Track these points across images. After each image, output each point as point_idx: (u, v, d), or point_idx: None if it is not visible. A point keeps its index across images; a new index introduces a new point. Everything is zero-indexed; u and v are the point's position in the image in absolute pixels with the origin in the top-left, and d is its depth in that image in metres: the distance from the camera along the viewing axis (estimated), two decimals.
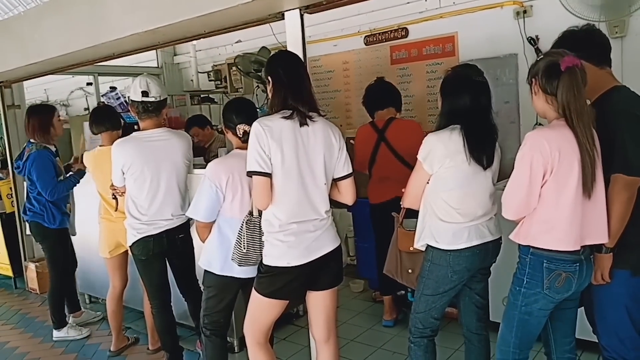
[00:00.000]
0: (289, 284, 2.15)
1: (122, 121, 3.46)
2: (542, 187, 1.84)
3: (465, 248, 2.15)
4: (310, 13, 2.75)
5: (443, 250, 2.18)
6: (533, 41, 3.71)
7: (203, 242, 2.52)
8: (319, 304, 2.29)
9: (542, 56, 1.95)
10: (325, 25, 4.70)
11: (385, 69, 4.61)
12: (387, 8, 4.42)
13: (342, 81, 4.94)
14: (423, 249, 2.28)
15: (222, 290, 2.51)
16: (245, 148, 2.13)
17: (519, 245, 1.96)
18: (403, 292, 3.66)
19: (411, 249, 2.35)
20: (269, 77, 2.16)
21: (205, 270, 2.51)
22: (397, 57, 4.54)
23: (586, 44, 2.01)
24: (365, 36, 4.69)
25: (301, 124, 2.09)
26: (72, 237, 3.89)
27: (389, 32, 4.54)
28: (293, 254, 2.11)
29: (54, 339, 3.81)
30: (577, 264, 1.85)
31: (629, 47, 3.38)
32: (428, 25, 4.26)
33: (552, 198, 1.83)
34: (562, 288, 1.86)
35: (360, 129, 3.55)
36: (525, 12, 3.75)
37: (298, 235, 2.11)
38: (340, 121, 4.87)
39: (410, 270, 2.42)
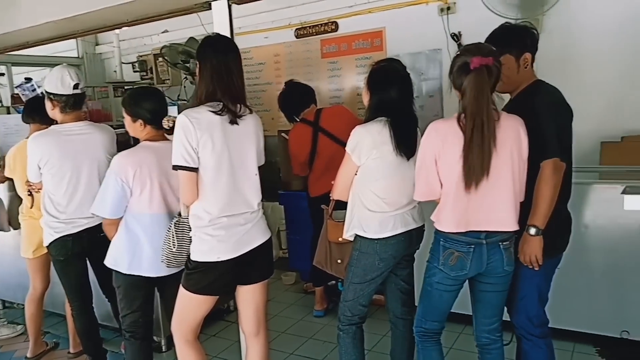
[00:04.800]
0: (219, 279, 2.11)
1: None
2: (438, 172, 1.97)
3: (392, 236, 2.22)
4: (239, 3, 2.71)
5: (370, 239, 2.23)
6: (456, 37, 3.86)
7: (110, 239, 2.41)
8: (249, 298, 2.27)
9: (459, 52, 2.03)
10: (256, 17, 4.67)
11: (316, 62, 4.64)
12: (317, 1, 4.46)
13: (274, 74, 4.91)
14: (352, 239, 2.33)
15: (131, 290, 2.40)
16: (156, 140, 2.13)
17: None
18: (334, 282, 3.72)
19: (340, 239, 2.39)
20: (199, 63, 2.08)
21: (113, 270, 2.40)
22: (327, 51, 4.58)
23: (515, 39, 2.13)
24: (296, 29, 4.69)
25: (231, 122, 2.04)
26: None
27: (320, 26, 4.56)
28: (223, 248, 2.07)
29: None
30: (472, 247, 1.96)
31: (543, 44, 3.50)
32: (357, 20, 4.32)
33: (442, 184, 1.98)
34: (455, 266, 1.99)
35: (292, 131, 3.53)
36: (449, 8, 3.90)
37: (228, 229, 2.08)
38: (272, 114, 4.84)
39: (339, 261, 2.47)
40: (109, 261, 2.39)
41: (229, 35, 2.53)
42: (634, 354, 2.77)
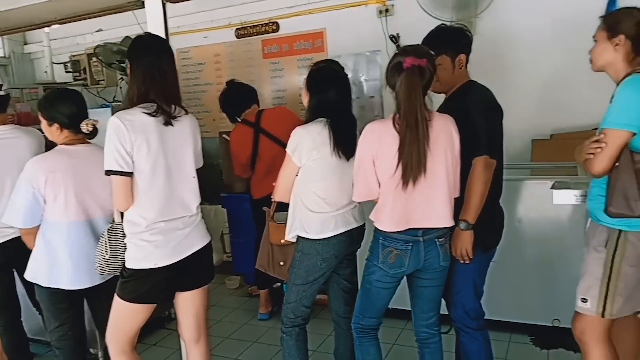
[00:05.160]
0: (156, 286, 2.04)
1: None
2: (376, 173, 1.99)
3: (333, 236, 2.23)
4: (174, 2, 2.64)
5: (312, 239, 2.24)
6: (394, 39, 3.94)
7: (31, 249, 2.29)
8: (188, 304, 2.21)
9: (396, 53, 2.06)
10: (195, 16, 4.59)
11: (258, 62, 4.60)
12: (257, 1, 4.43)
13: (214, 74, 4.83)
14: (294, 240, 2.32)
15: (55, 303, 2.29)
16: (74, 144, 2.05)
17: None
18: (279, 284, 3.70)
19: (282, 241, 2.38)
20: (130, 63, 2.01)
21: (34, 283, 2.28)
22: (268, 51, 4.55)
23: (450, 40, 2.20)
24: (237, 29, 4.64)
25: (166, 123, 1.98)
26: None
27: (260, 26, 4.53)
28: (160, 253, 2.00)
29: None
30: (410, 244, 2.01)
31: (477, 45, 3.63)
32: (298, 21, 4.33)
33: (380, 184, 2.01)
34: (393, 264, 2.02)
35: (233, 132, 3.48)
36: (387, 10, 3.97)
37: (166, 234, 2.01)
38: (214, 115, 4.76)
39: (282, 263, 2.46)
40: (28, 274, 2.27)
41: (163, 34, 2.45)
42: (564, 340, 2.91)
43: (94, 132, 2.22)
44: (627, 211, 1.80)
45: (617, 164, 1.82)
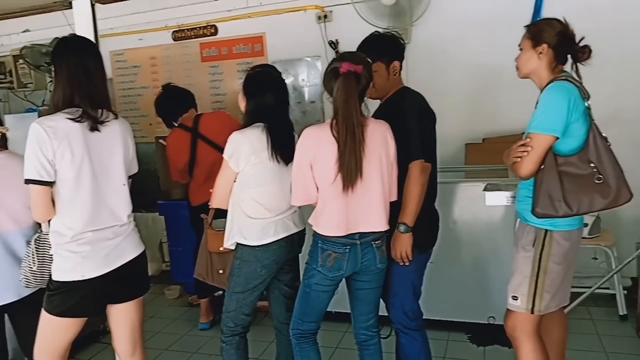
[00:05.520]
0: (86, 299, 1.94)
1: None
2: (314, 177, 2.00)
3: (273, 242, 2.21)
4: (104, 3, 2.54)
5: (252, 246, 2.21)
6: (334, 45, 3.97)
7: None
8: (122, 317, 2.12)
9: (333, 59, 2.08)
10: (129, 18, 4.45)
11: (196, 66, 4.52)
12: (195, 4, 4.35)
13: (151, 77, 4.69)
14: (233, 247, 2.29)
15: None
16: None
17: None
18: (221, 292, 3.62)
19: (221, 249, 2.34)
20: (54, 66, 1.92)
21: None
22: (207, 55, 4.48)
23: (384, 48, 2.23)
24: (174, 31, 4.54)
25: (92, 129, 1.90)
26: None
27: (198, 29, 4.46)
28: (89, 265, 1.91)
29: None
30: (348, 247, 2.03)
31: (412, 53, 3.79)
32: (237, 24, 4.29)
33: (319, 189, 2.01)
34: (332, 267, 2.04)
35: (170, 137, 3.39)
36: (326, 16, 4.00)
37: (94, 244, 1.92)
38: (150, 119, 4.63)
39: (221, 271, 2.42)
40: None
41: (92, 36, 2.36)
42: (499, 337, 3.02)
43: (3, 140, 2.09)
44: (552, 211, 1.90)
45: (542, 167, 1.92)
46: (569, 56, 2.00)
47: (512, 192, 2.76)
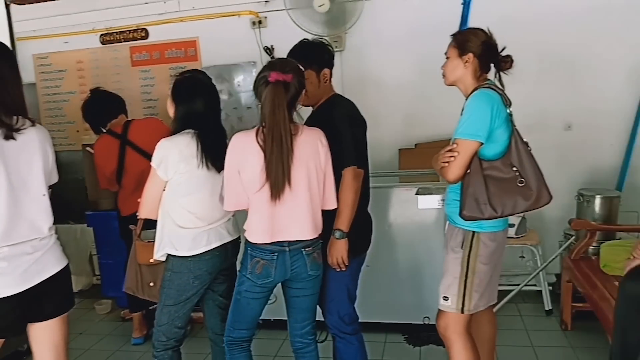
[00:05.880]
0: (3, 318, 1.81)
1: None
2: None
3: (206, 252, 2.16)
4: (20, 4, 2.39)
5: (183, 257, 2.15)
6: (269, 50, 3.95)
7: None
8: (44, 336, 1.98)
9: (264, 66, 2.05)
10: (54, 20, 4.24)
11: (126, 70, 4.36)
12: (124, 7, 4.19)
13: (77, 82, 4.47)
14: (163, 259, 2.22)
15: None
16: None
17: None
18: (155, 305, 3.49)
19: (151, 260, 2.26)
20: None
21: None
22: (138, 59, 4.33)
23: (313, 55, 2.23)
24: (102, 34, 4.35)
25: (6, 137, 1.78)
26: None
27: (128, 32, 4.30)
28: (5, 282, 1.78)
29: None
30: (276, 255, 2.01)
31: (347, 60, 3.88)
32: (169, 28, 4.18)
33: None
34: (260, 274, 2.02)
35: (97, 143, 3.24)
36: (260, 22, 3.97)
37: (11, 260, 1.79)
38: (77, 126, 4.41)
39: (151, 284, 2.34)
40: None
41: (7, 38, 2.21)
42: (434, 336, 3.09)
43: None
44: (478, 214, 1.97)
45: (468, 171, 1.99)
46: (492, 65, 2.09)
47: (443, 196, 2.86)
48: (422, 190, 3.04)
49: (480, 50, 2.05)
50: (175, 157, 2.09)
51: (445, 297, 2.13)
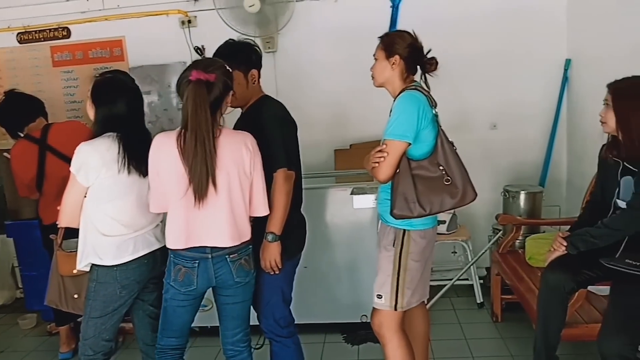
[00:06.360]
0: None
1: None
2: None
3: (132, 260, 2.07)
4: None
5: (108, 266, 2.05)
6: (200, 50, 3.87)
7: None
8: None
9: (188, 66, 1.99)
10: None
11: (47, 71, 4.14)
12: (43, 4, 3.98)
13: None
14: (87, 269, 2.11)
15: None
16: None
17: None
18: None
19: (74, 271, 2.16)
20: None
21: None
22: (59, 59, 4.12)
23: (240, 56, 2.18)
24: (19, 33, 4.10)
25: None
26: None
27: (48, 31, 4.08)
28: None
29: None
30: (197, 262, 1.95)
31: (280, 61, 3.86)
32: (92, 27, 4.00)
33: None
34: (183, 282, 1.97)
35: (14, 148, 3.05)
36: (190, 21, 3.87)
37: None
38: None
39: (76, 295, 2.24)
40: None
41: None
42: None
43: None
44: (408, 212, 2.01)
45: (398, 171, 2.02)
46: (418, 67, 2.14)
47: (376, 195, 2.90)
48: (357, 190, 3.07)
49: (406, 53, 2.09)
50: (96, 161, 1.99)
51: (379, 295, 2.16)
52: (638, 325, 2.01)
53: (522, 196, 3.48)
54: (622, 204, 2.14)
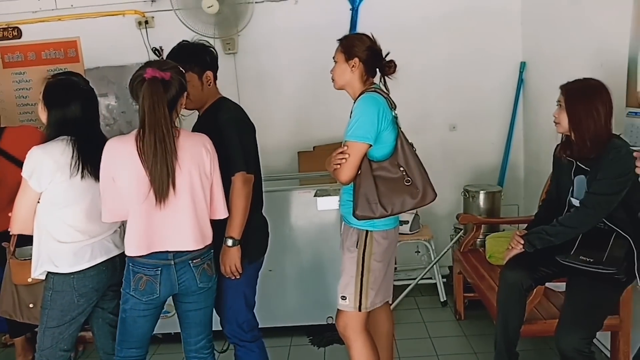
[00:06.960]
0: None
1: None
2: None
3: (90, 267, 2.01)
4: None
5: (65, 274, 1.99)
6: (158, 52, 3.79)
7: None
8: None
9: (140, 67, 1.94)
10: None
11: None
12: None
13: None
14: (43, 277, 2.04)
15: None
16: None
17: None
18: None
19: (29, 280, 2.09)
20: None
21: None
22: (10, 60, 3.97)
23: (194, 57, 2.14)
24: None
25: None
26: None
27: None
28: None
29: None
30: (159, 269, 1.91)
31: (240, 62, 3.82)
32: (45, 27, 3.87)
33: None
34: (145, 291, 1.91)
35: None
36: (147, 22, 3.79)
37: None
38: None
39: (31, 305, 2.17)
40: None
41: None
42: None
43: None
44: (370, 213, 2.02)
45: (359, 172, 2.03)
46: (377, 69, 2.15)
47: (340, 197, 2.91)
48: (321, 192, 3.07)
49: (365, 55, 2.10)
50: (49, 166, 1.92)
51: (343, 296, 2.16)
52: (592, 319, 2.09)
53: (482, 196, 3.56)
54: (576, 202, 2.20)
